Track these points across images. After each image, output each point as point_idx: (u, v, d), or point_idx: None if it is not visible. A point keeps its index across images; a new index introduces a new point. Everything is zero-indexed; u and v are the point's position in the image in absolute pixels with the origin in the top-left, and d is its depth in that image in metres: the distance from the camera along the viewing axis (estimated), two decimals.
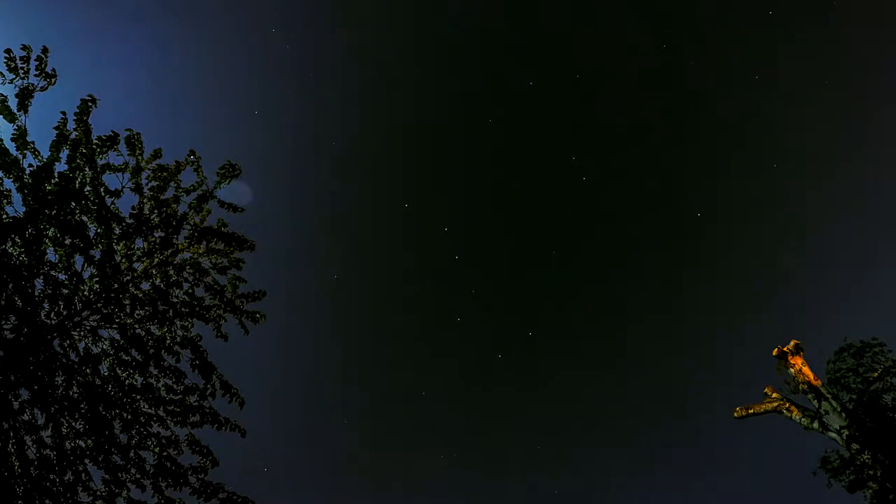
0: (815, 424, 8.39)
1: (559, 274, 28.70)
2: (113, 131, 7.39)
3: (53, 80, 7.05)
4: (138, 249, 7.52)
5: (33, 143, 6.92)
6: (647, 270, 28.14)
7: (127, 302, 7.41)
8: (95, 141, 7.24)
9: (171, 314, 7.61)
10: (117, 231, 7.33)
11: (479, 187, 28.16)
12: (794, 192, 25.77)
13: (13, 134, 6.80)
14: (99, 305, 7.28)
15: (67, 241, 6.97)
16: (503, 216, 28.63)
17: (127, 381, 7.33)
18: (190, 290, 7.82)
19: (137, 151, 7.58)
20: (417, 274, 28.72)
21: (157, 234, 7.63)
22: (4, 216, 6.69)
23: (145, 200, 7.60)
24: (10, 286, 6.65)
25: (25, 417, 6.78)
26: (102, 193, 7.26)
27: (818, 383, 8.61)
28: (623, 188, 27.38)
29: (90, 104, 7.23)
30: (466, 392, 29.29)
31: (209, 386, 7.53)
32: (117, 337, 7.40)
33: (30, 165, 6.91)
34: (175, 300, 7.68)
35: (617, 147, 26.66)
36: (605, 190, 27.38)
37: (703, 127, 26.14)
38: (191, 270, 7.85)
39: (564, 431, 28.88)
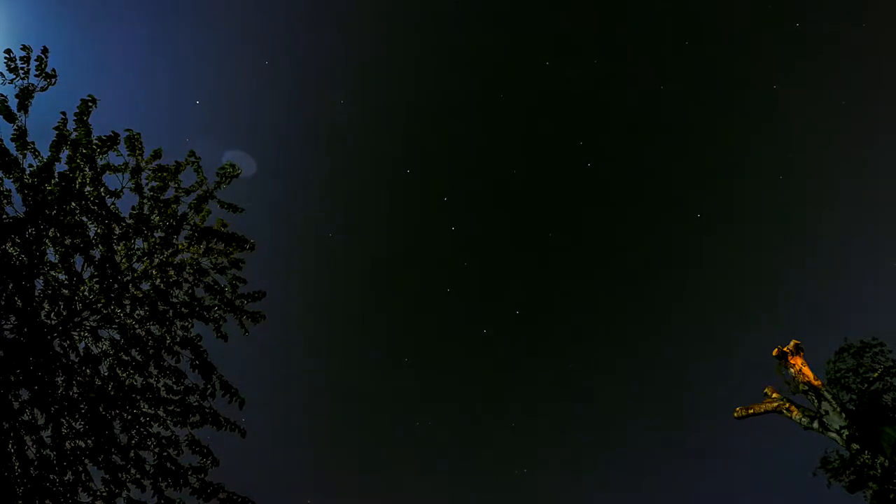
0: (815, 424, 8.39)
1: (554, 258, 28.64)
2: (113, 131, 7.40)
3: (53, 80, 7.06)
4: (138, 250, 7.52)
5: (33, 143, 6.93)
6: (646, 270, 28.14)
7: (127, 302, 7.41)
8: (95, 141, 7.24)
9: (171, 314, 7.61)
10: (117, 231, 7.33)
11: (484, 161, 27.99)
12: (795, 193, 25.79)
13: (13, 134, 6.80)
14: (99, 306, 7.28)
15: (67, 241, 6.97)
16: (504, 193, 28.45)
17: (127, 382, 7.33)
18: (190, 291, 7.82)
19: (137, 151, 7.58)
20: (413, 240, 28.69)
21: (157, 235, 7.64)
22: (4, 216, 6.69)
23: (145, 201, 7.60)
24: (10, 286, 6.65)
25: (25, 417, 6.78)
26: (102, 193, 7.26)
27: (818, 383, 8.61)
28: (626, 182, 27.34)
29: (90, 104, 7.23)
30: (447, 362, 29.37)
31: (209, 386, 7.53)
32: (117, 337, 7.40)
33: (30, 165, 6.92)
34: (175, 300, 7.68)
35: (624, 141, 26.58)
36: (608, 181, 27.28)
37: (706, 127, 26.16)
38: (191, 271, 7.84)
39: (543, 418, 28.95)
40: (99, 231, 7.17)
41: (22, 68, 6.87)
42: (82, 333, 7.27)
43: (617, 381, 28.66)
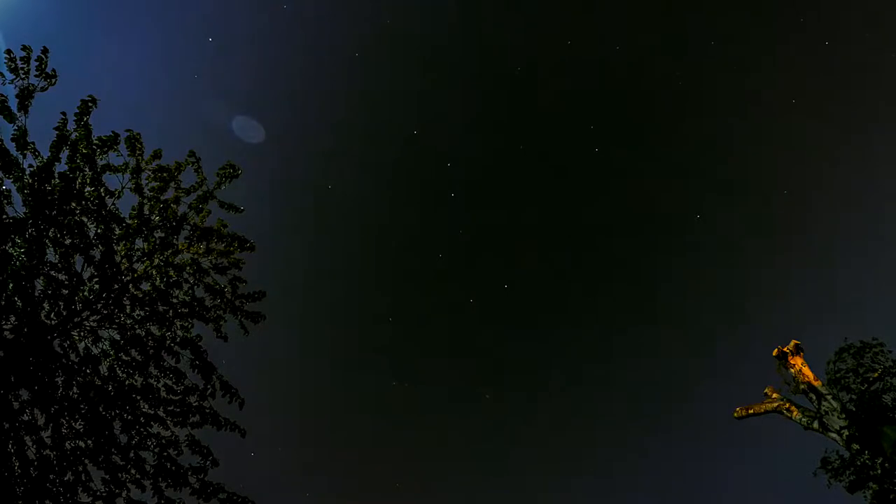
0: (815, 424, 8.39)
1: (552, 240, 28.42)
2: (113, 132, 7.41)
3: (53, 80, 7.06)
4: (138, 250, 7.53)
5: (33, 143, 6.93)
6: (644, 268, 28.10)
7: (127, 302, 7.41)
8: (95, 141, 7.25)
9: (171, 315, 7.61)
10: (117, 231, 7.34)
11: (493, 132, 27.68)
12: (794, 193, 25.78)
13: (13, 134, 6.80)
14: (99, 306, 7.28)
15: (67, 241, 6.97)
16: (508, 166, 28.09)
17: (127, 382, 7.33)
18: (190, 291, 7.82)
19: (137, 152, 7.58)
20: (412, 201, 28.48)
21: (157, 235, 7.64)
22: (5, 216, 6.69)
23: (145, 201, 7.60)
24: (11, 286, 6.65)
25: (25, 418, 6.77)
26: (102, 194, 7.26)
27: (818, 383, 8.61)
28: (630, 175, 27.16)
29: (90, 104, 7.23)
30: (429, 326, 29.20)
31: (209, 386, 7.53)
32: (117, 337, 7.40)
33: (30, 166, 6.92)
34: (175, 301, 7.68)
35: (633, 133, 26.37)
36: (612, 171, 27.05)
37: (705, 128, 26.14)
38: (191, 271, 7.84)
39: (517, 396, 28.77)
40: (99, 231, 7.17)
41: (22, 68, 6.88)
42: (82, 333, 7.27)
43: (607, 374, 28.54)
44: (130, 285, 7.46)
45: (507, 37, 25.85)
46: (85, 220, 7.12)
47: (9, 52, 6.85)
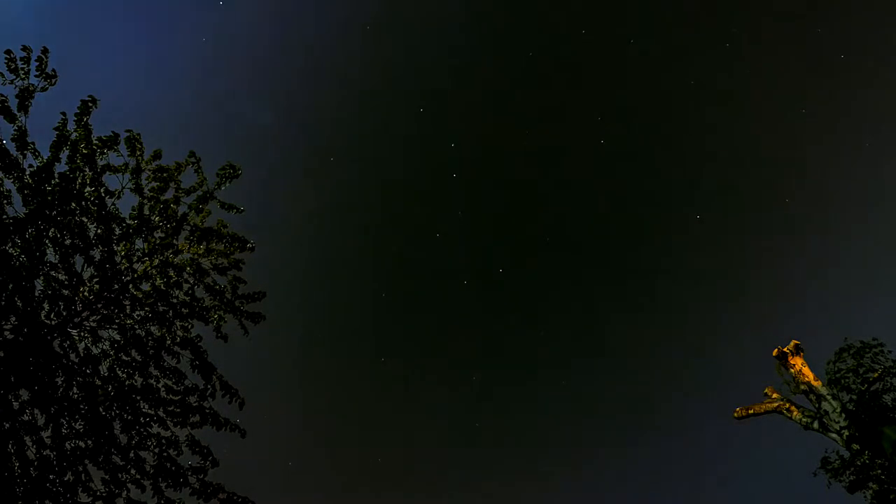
0: (816, 425, 8.39)
1: (550, 229, 28.24)
2: (113, 132, 7.41)
3: (54, 80, 7.06)
4: (138, 250, 7.52)
5: (33, 143, 6.93)
6: (645, 267, 28.07)
7: (127, 303, 7.41)
8: (95, 141, 7.24)
9: (171, 315, 7.61)
10: (117, 232, 7.33)
11: (500, 115, 27.46)
12: (794, 194, 25.79)
13: (13, 134, 6.80)
14: (99, 306, 7.28)
15: (67, 242, 6.97)
16: (513, 149, 27.92)
17: (127, 382, 7.32)
18: (190, 291, 7.81)
19: (137, 152, 7.58)
20: (413, 179, 28.41)
21: (157, 235, 7.63)
22: (5, 216, 6.69)
23: (145, 201, 7.60)
24: (10, 286, 6.65)
25: (25, 417, 6.77)
26: (102, 194, 7.26)
27: (818, 384, 8.60)
28: (632, 172, 27.11)
29: (90, 105, 7.23)
30: (421, 306, 29.19)
31: (209, 386, 7.53)
32: (117, 337, 7.40)
33: (30, 166, 6.91)
34: (175, 301, 7.68)
35: (640, 131, 26.25)
36: (616, 166, 26.96)
37: (709, 128, 26.13)
38: (190, 271, 7.84)
39: (504, 381, 28.70)
40: (99, 231, 7.17)
41: (22, 68, 6.87)
42: (82, 333, 7.27)
43: (602, 371, 28.42)
44: (130, 285, 7.46)
45: (521, 20, 25.70)
46: (85, 220, 7.12)
47: (9, 52, 6.85)
